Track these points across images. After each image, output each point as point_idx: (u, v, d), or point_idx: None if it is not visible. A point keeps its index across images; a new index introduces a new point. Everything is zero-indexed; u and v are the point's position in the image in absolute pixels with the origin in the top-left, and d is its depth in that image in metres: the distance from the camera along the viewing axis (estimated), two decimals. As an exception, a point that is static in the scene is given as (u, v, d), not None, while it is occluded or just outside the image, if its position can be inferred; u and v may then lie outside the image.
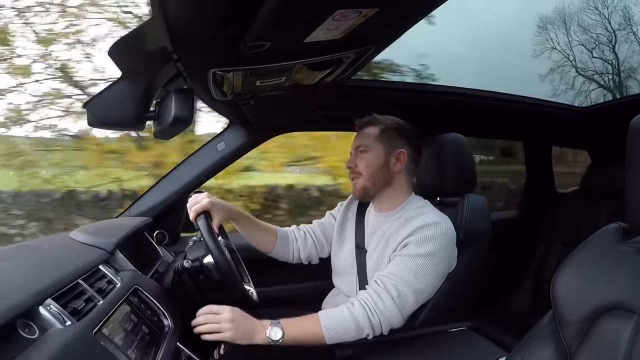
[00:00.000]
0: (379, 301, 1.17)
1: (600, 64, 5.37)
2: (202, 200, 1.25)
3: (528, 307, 2.36)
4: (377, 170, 1.34)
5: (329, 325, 1.16)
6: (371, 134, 1.36)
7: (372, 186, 1.35)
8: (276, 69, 0.94)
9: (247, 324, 1.14)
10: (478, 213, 1.38)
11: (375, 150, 1.34)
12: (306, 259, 1.54)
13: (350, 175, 1.39)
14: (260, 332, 1.13)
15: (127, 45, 0.86)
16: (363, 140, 1.37)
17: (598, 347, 0.76)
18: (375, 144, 1.35)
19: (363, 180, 1.35)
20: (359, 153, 1.37)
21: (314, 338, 1.16)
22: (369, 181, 1.35)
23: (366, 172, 1.34)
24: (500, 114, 2.12)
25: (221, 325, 1.11)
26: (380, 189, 1.36)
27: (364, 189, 1.36)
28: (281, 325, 1.14)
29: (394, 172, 1.35)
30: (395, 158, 1.34)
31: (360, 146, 1.37)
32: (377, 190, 1.36)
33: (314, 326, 1.17)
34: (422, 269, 1.19)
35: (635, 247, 0.79)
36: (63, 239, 1.26)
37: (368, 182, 1.35)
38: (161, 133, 1.08)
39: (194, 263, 1.22)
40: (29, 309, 0.75)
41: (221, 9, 0.66)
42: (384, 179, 1.35)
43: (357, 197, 1.41)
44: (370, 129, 1.37)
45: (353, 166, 1.37)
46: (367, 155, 1.35)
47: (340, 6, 0.65)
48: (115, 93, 0.95)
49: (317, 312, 1.21)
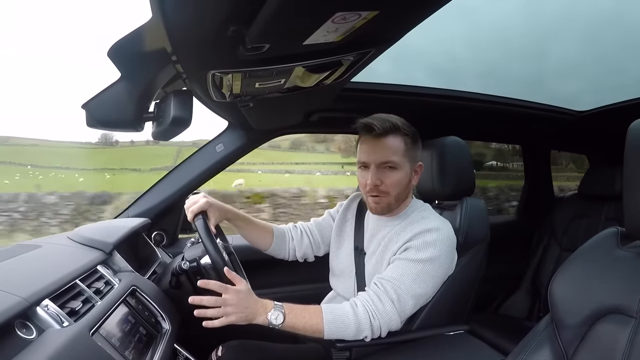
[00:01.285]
0: (380, 304, 1.17)
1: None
2: (199, 201, 1.25)
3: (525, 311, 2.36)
4: (404, 188, 1.28)
5: (330, 319, 1.15)
6: (399, 149, 1.25)
7: (396, 204, 1.30)
8: (275, 71, 0.94)
9: (251, 305, 1.11)
10: (476, 217, 1.38)
11: (404, 167, 1.26)
12: (302, 257, 1.54)
13: (371, 191, 1.27)
14: (262, 314, 1.11)
15: (126, 46, 0.86)
16: (390, 155, 1.24)
17: (595, 351, 0.76)
18: (404, 160, 1.25)
19: (389, 200, 1.27)
20: (384, 169, 1.25)
21: (312, 329, 1.15)
22: (394, 200, 1.28)
23: (395, 191, 1.26)
24: (499, 117, 2.13)
25: (225, 309, 1.07)
26: (400, 203, 1.32)
27: (389, 207, 1.29)
28: (283, 311, 1.13)
29: (412, 186, 1.32)
30: (414, 171, 1.31)
31: (388, 163, 1.24)
32: (398, 206, 1.32)
33: (315, 318, 1.15)
34: (422, 274, 1.19)
35: (633, 251, 0.79)
36: (61, 240, 1.26)
37: (394, 201, 1.28)
38: (160, 134, 1.08)
39: (192, 264, 1.22)
40: (26, 310, 0.75)
41: (221, 10, 0.66)
42: (405, 195, 1.32)
43: (378, 214, 1.33)
44: (394, 140, 1.25)
45: (379, 184, 1.25)
46: (396, 173, 1.25)
47: (340, 9, 0.65)
48: (115, 94, 0.95)
49: (321, 305, 1.20)
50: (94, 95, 0.95)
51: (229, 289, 1.08)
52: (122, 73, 0.94)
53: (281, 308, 1.13)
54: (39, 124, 40.70)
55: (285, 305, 1.14)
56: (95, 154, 44.59)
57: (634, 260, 0.78)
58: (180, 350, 1.14)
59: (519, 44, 1.82)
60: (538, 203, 2.63)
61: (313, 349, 1.36)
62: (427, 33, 0.86)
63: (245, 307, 1.09)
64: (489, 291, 2.36)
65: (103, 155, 43.60)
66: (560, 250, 2.29)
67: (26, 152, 40.46)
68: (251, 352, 1.17)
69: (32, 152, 41.09)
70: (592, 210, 2.22)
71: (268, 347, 1.32)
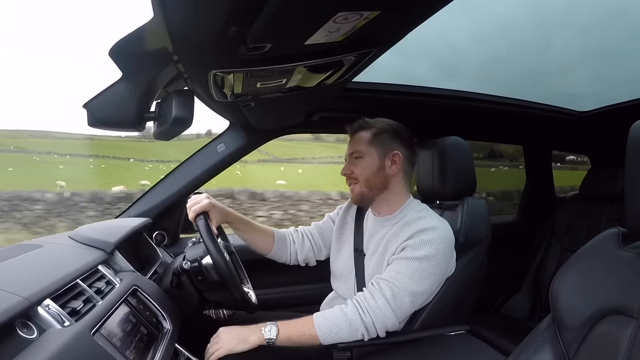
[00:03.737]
0: (372, 300, 1.18)
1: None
2: (201, 201, 1.25)
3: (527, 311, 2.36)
4: (373, 174, 1.34)
5: (321, 323, 1.18)
6: (364, 139, 1.35)
7: (369, 191, 1.35)
8: (277, 71, 0.94)
9: (240, 330, 1.19)
10: (477, 217, 1.38)
11: (369, 155, 1.34)
12: (303, 261, 1.55)
13: (347, 181, 1.39)
14: (256, 333, 1.17)
15: (128, 46, 0.86)
16: (356, 146, 1.36)
17: (597, 351, 0.76)
18: (369, 148, 1.34)
19: (360, 186, 1.35)
20: (353, 159, 1.36)
21: (308, 337, 1.18)
22: (365, 186, 1.35)
23: (362, 177, 1.34)
24: (500, 117, 2.13)
25: (218, 344, 1.17)
26: (378, 192, 1.35)
27: (361, 194, 1.36)
28: (276, 325, 1.18)
29: (390, 175, 1.34)
30: (391, 160, 1.34)
31: (355, 152, 1.36)
32: (375, 195, 1.36)
33: (307, 325, 1.19)
34: (418, 272, 1.19)
35: (634, 252, 0.79)
36: (62, 239, 1.26)
37: (365, 188, 1.35)
38: (161, 134, 1.08)
39: (193, 264, 1.22)
40: (27, 309, 0.75)
41: (222, 10, 0.66)
42: (380, 183, 1.34)
43: (355, 202, 1.41)
44: (362, 133, 1.37)
45: (349, 173, 1.37)
46: (361, 161, 1.35)
47: (341, 9, 0.65)
48: (116, 93, 0.95)
49: (312, 314, 1.23)
50: (95, 94, 0.95)
51: (218, 331, 1.21)
52: (123, 73, 0.94)
53: (273, 323, 1.19)
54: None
55: (278, 321, 1.20)
56: (151, 146, 45.86)
57: (635, 260, 0.78)
58: (181, 350, 1.14)
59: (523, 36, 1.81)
60: (539, 203, 2.62)
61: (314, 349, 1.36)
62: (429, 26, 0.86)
63: (237, 332, 1.18)
64: (490, 291, 2.36)
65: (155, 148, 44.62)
66: (562, 251, 2.29)
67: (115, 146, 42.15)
68: (252, 352, 1.17)
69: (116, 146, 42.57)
70: (593, 211, 2.22)
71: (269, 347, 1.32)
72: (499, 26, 1.73)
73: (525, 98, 2.05)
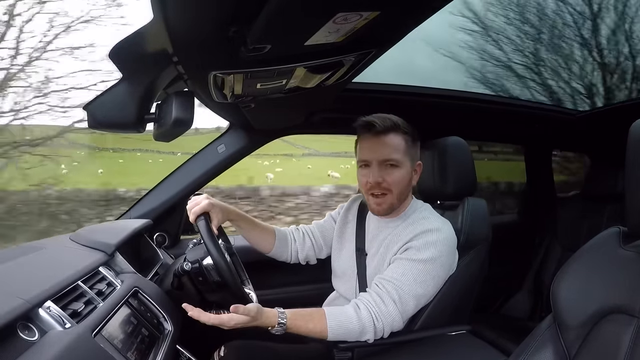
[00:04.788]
0: (383, 306, 1.17)
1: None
2: (201, 202, 1.25)
3: (527, 311, 2.36)
4: (405, 186, 1.28)
5: (334, 325, 1.15)
6: (400, 147, 1.25)
7: (398, 203, 1.29)
8: (277, 72, 0.94)
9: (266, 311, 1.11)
10: (478, 217, 1.38)
11: (405, 165, 1.26)
12: (304, 260, 1.54)
13: (372, 190, 1.26)
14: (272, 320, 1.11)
15: (128, 48, 0.86)
16: (392, 152, 1.24)
17: (598, 351, 0.76)
18: (405, 158, 1.26)
19: (392, 198, 1.26)
20: (387, 167, 1.25)
21: (315, 334, 1.15)
22: (397, 199, 1.27)
23: (397, 189, 1.25)
24: (500, 117, 2.13)
25: (246, 317, 1.06)
26: (402, 202, 1.31)
27: (392, 206, 1.28)
28: (286, 318, 1.12)
29: (412, 185, 1.32)
30: (414, 171, 1.31)
31: (390, 160, 1.24)
32: (399, 206, 1.31)
33: (319, 325, 1.15)
34: (423, 274, 1.19)
35: (635, 251, 0.79)
36: (63, 241, 1.26)
37: (396, 200, 1.27)
38: (161, 135, 1.08)
39: (194, 265, 1.22)
40: (28, 311, 0.75)
41: (222, 11, 0.67)
42: (407, 194, 1.31)
43: (381, 214, 1.32)
44: (395, 138, 1.25)
45: (381, 181, 1.24)
46: (397, 171, 1.25)
47: (341, 9, 0.65)
48: (116, 95, 0.96)
49: (323, 308, 1.20)
50: (96, 96, 0.95)
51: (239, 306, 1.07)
52: (123, 74, 0.94)
53: (284, 315, 1.12)
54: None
55: (287, 312, 1.13)
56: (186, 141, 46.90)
57: (636, 259, 0.78)
58: (182, 351, 1.14)
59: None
60: (540, 203, 2.62)
61: (315, 349, 1.36)
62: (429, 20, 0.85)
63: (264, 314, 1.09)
64: (490, 291, 2.35)
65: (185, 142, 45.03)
66: (562, 250, 2.28)
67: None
68: (253, 353, 1.17)
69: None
70: (594, 210, 2.22)
71: (270, 347, 1.32)
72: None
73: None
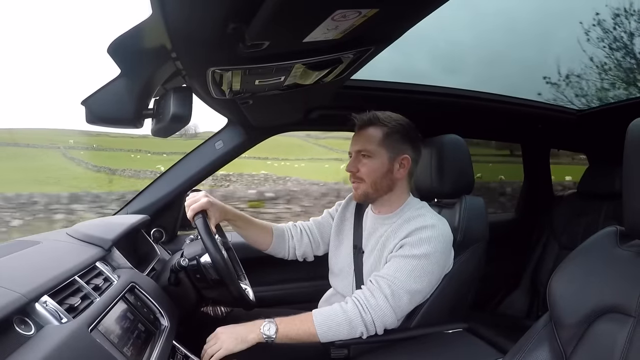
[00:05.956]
0: (372, 299, 1.18)
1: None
2: (200, 199, 1.25)
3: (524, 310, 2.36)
4: (381, 177, 1.30)
5: (321, 321, 1.18)
6: (374, 138, 1.30)
7: (374, 192, 1.32)
8: (275, 69, 0.94)
9: (238, 329, 1.18)
10: (475, 215, 1.38)
11: (379, 156, 1.29)
12: (301, 256, 1.55)
13: (350, 178, 1.34)
14: (254, 331, 1.16)
15: (126, 43, 0.86)
16: (366, 143, 1.30)
17: (594, 350, 0.76)
18: (379, 149, 1.29)
19: (365, 187, 1.31)
20: (361, 157, 1.31)
21: (307, 335, 1.18)
22: (371, 188, 1.31)
23: (369, 179, 1.30)
24: (498, 115, 2.13)
25: (216, 344, 1.15)
26: (382, 194, 1.33)
27: (365, 195, 1.33)
28: (275, 322, 1.17)
29: (397, 179, 1.32)
30: (399, 164, 1.31)
31: (363, 150, 1.30)
32: (379, 196, 1.33)
33: (307, 323, 1.18)
34: (417, 270, 1.19)
35: (632, 250, 0.79)
36: (60, 236, 1.25)
37: (370, 189, 1.31)
38: (159, 131, 1.08)
39: (191, 261, 1.22)
40: (25, 306, 0.75)
41: (221, 7, 0.66)
42: (386, 186, 1.32)
43: (358, 200, 1.39)
44: (373, 130, 1.31)
45: (355, 171, 1.32)
46: (370, 162, 1.30)
47: (340, 6, 0.65)
48: (114, 90, 0.95)
49: (311, 311, 1.22)
50: (94, 91, 0.95)
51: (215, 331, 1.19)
52: (121, 70, 0.94)
53: (272, 320, 1.18)
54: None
55: (276, 318, 1.19)
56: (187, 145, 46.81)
57: (633, 259, 0.78)
58: (178, 347, 1.14)
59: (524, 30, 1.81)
60: (537, 201, 2.62)
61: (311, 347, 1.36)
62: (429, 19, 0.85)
63: (236, 332, 1.17)
64: (487, 289, 2.36)
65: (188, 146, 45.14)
66: (560, 249, 2.29)
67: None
68: (249, 349, 1.17)
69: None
70: (591, 209, 2.22)
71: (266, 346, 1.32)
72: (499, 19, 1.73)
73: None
